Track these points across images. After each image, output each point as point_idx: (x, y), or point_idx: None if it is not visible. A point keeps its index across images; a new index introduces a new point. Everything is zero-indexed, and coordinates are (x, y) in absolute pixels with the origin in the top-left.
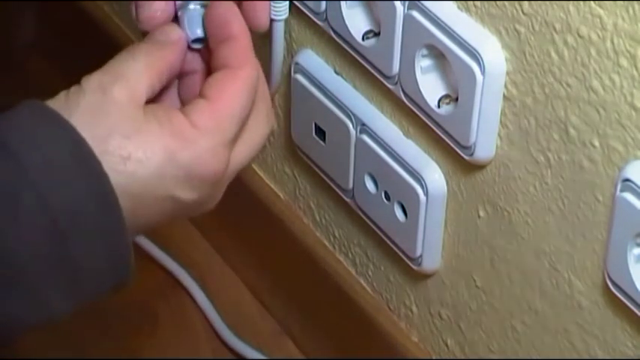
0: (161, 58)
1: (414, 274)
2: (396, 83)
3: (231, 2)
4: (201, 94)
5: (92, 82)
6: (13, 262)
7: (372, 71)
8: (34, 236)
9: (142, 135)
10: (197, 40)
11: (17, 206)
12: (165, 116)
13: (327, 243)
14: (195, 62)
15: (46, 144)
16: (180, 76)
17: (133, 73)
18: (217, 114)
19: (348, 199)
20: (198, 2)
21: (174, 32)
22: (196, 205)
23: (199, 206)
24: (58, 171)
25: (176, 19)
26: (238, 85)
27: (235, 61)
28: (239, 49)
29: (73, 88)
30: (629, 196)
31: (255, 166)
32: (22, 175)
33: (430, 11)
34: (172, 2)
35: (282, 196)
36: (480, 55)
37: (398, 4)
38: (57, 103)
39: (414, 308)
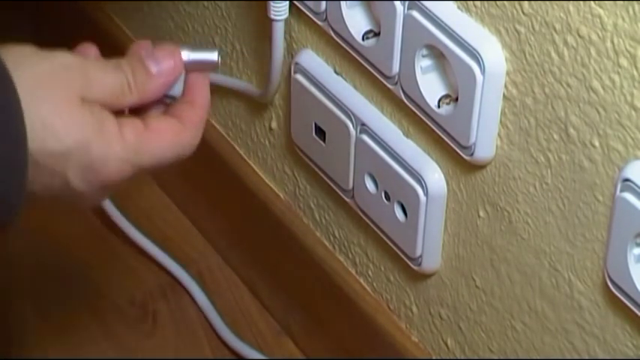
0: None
1: (414, 274)
2: (396, 83)
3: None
4: (141, 118)
5: (65, 59)
6: None
7: (372, 71)
8: None
9: (71, 117)
10: (171, 97)
11: None
12: (100, 114)
13: (327, 243)
14: None
15: None
16: None
17: (100, 87)
18: (145, 144)
19: (348, 199)
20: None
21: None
22: (78, 197)
23: (80, 199)
24: None
25: None
26: (177, 140)
27: (188, 122)
28: (197, 116)
29: (45, 53)
30: (629, 196)
31: (255, 166)
32: None
33: (430, 11)
34: None
35: (282, 196)
36: (480, 55)
37: (398, 4)
38: (23, 48)
39: (414, 308)
